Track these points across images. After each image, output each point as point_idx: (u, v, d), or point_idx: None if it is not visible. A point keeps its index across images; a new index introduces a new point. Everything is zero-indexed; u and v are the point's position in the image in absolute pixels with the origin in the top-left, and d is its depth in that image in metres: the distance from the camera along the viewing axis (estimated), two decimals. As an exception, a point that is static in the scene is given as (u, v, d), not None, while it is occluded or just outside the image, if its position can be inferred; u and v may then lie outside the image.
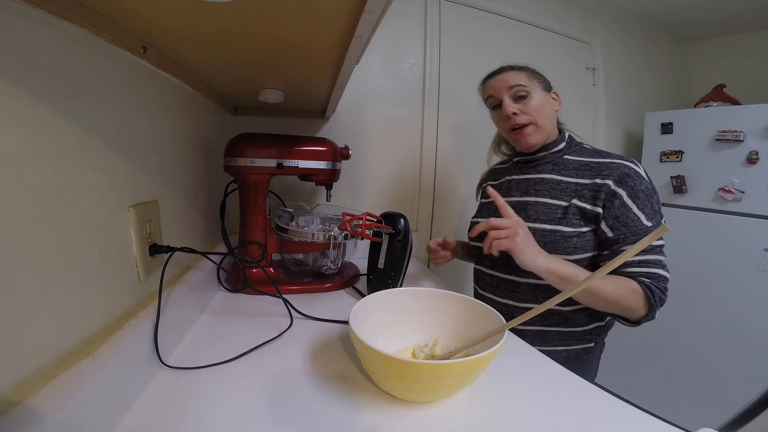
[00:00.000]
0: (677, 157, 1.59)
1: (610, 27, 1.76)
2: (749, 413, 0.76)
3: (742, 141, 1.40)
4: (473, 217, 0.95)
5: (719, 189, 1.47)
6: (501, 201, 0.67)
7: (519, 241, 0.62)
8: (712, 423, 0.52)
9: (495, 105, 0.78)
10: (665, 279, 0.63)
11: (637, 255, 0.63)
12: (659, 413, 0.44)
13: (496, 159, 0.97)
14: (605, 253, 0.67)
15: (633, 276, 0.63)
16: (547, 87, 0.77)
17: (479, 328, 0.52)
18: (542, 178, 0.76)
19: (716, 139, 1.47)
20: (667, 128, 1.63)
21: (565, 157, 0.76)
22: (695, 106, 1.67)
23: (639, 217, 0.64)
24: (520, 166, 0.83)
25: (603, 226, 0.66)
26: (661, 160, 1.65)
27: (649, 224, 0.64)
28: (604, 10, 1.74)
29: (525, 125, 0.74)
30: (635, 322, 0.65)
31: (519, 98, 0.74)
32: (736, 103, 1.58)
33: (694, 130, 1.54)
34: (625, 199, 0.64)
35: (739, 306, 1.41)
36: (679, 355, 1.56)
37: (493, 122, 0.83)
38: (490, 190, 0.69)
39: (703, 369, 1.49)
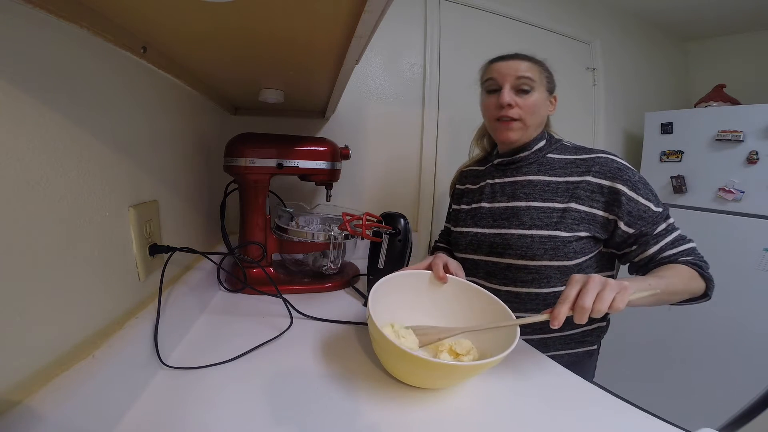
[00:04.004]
0: (677, 157, 1.59)
1: (610, 27, 1.76)
2: (749, 413, 0.76)
3: (742, 141, 1.40)
4: (447, 223, 0.92)
5: (719, 189, 1.47)
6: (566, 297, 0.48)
7: (627, 285, 0.47)
8: (712, 423, 0.52)
9: (492, 89, 0.73)
10: (695, 248, 0.66)
11: (665, 237, 0.64)
12: (659, 413, 0.44)
13: (475, 150, 0.91)
14: (634, 248, 0.66)
15: (674, 259, 0.64)
16: (551, 88, 0.74)
17: (486, 317, 0.55)
18: (530, 181, 0.73)
19: (716, 139, 1.47)
20: (667, 128, 1.63)
21: (549, 156, 0.74)
22: (695, 106, 1.67)
23: (648, 206, 0.64)
24: (502, 169, 0.78)
25: (622, 226, 0.65)
26: (661, 160, 1.65)
27: (659, 209, 0.65)
28: (604, 10, 1.74)
29: (514, 120, 0.70)
30: (702, 297, 0.64)
31: (520, 91, 0.70)
32: (736, 103, 1.58)
33: (694, 130, 1.54)
34: (628, 193, 0.64)
35: (739, 306, 1.41)
36: (679, 355, 1.56)
37: (480, 106, 0.78)
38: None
39: (703, 369, 1.49)
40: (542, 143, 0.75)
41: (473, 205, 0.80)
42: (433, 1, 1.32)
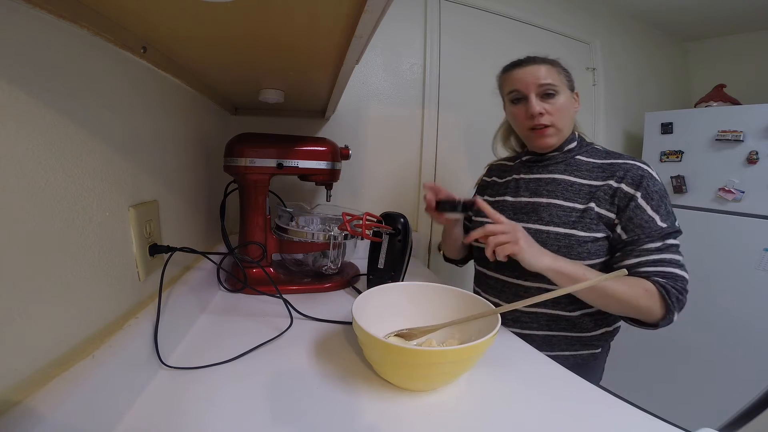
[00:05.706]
0: (677, 157, 1.59)
1: (610, 27, 1.76)
2: (749, 413, 0.76)
3: (742, 141, 1.40)
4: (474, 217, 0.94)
5: (719, 189, 1.47)
6: (490, 210, 0.65)
7: (522, 243, 0.60)
8: (712, 423, 0.53)
9: (518, 99, 0.73)
10: (683, 279, 0.61)
11: (652, 254, 0.61)
12: (660, 413, 0.44)
13: (502, 150, 0.92)
14: (617, 254, 0.65)
15: (647, 276, 0.61)
16: (572, 86, 0.73)
17: (475, 320, 0.55)
18: (554, 179, 0.73)
19: (716, 139, 1.47)
20: (667, 128, 1.63)
21: (577, 157, 0.74)
22: (695, 106, 1.67)
23: (653, 218, 0.63)
24: (530, 165, 0.79)
25: (618, 229, 0.65)
26: (661, 160, 1.64)
27: (664, 225, 0.62)
28: (604, 10, 1.74)
29: (547, 126, 0.71)
30: (652, 325, 0.62)
31: (546, 95, 0.70)
32: (736, 103, 1.58)
33: (694, 130, 1.54)
34: (640, 200, 0.63)
35: (739, 306, 1.41)
36: (679, 355, 1.56)
37: (507, 115, 0.80)
38: (480, 202, 0.68)
39: (704, 369, 1.49)
40: (573, 144, 0.75)
41: (497, 198, 0.82)
42: (433, 1, 1.32)
